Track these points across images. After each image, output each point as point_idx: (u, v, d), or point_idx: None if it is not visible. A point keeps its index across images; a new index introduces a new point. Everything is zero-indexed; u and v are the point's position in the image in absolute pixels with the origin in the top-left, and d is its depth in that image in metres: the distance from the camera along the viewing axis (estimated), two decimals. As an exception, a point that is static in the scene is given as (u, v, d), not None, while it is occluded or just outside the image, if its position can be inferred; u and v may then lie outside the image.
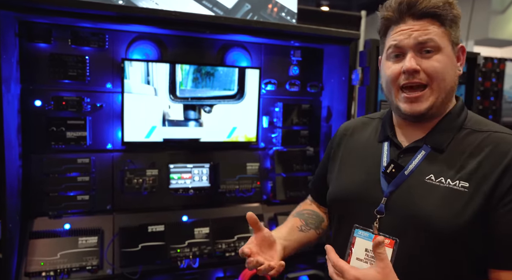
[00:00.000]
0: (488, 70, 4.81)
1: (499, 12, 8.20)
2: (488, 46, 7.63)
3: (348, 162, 1.15)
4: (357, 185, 1.07)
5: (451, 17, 0.94)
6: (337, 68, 2.28)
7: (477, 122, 1.00)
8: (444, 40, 0.94)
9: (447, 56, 0.94)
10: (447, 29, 0.94)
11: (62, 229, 1.88)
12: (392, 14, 0.97)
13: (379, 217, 0.98)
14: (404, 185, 0.97)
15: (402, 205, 0.96)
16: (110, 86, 2.01)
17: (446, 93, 0.96)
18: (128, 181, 2.02)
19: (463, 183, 0.90)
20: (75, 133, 1.93)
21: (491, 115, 4.82)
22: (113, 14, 1.70)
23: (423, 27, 0.93)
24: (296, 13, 2.34)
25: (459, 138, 0.97)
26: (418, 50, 0.94)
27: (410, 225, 0.93)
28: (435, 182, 0.93)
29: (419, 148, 1.00)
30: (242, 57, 2.24)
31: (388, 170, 0.99)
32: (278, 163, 2.32)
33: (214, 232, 2.10)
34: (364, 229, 1.00)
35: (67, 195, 1.92)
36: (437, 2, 0.92)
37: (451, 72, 0.95)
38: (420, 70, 0.93)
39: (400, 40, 0.95)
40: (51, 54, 1.87)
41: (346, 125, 1.26)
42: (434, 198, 0.92)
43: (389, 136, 1.07)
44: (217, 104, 2.14)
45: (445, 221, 0.89)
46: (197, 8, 2.10)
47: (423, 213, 0.92)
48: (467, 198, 0.89)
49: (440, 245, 0.90)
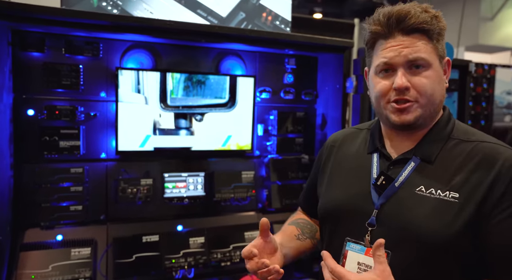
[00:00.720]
0: (479, 76, 4.87)
1: (488, 19, 8.34)
2: (478, 52, 7.74)
3: (337, 174, 1.14)
4: (347, 197, 1.06)
5: (438, 30, 0.95)
6: (331, 76, 2.29)
7: (465, 132, 1.00)
8: (432, 56, 0.94)
9: (435, 72, 0.95)
10: (435, 43, 0.95)
11: (54, 241, 1.84)
12: (380, 28, 0.96)
13: (370, 229, 0.98)
14: (395, 197, 0.97)
15: (393, 217, 0.95)
16: (104, 95, 2.00)
17: (435, 107, 0.97)
18: (122, 191, 2.00)
19: (453, 194, 0.90)
20: (68, 143, 1.91)
21: (483, 120, 4.87)
22: (107, 23, 1.70)
23: (412, 43, 0.93)
24: (290, 21, 2.35)
25: (447, 149, 0.98)
26: (408, 66, 0.94)
27: (401, 237, 0.93)
28: (426, 194, 0.93)
29: (409, 159, 1.00)
30: (237, 65, 2.24)
31: (378, 182, 0.99)
32: (273, 171, 2.32)
33: (210, 242, 2.08)
34: (356, 242, 0.99)
35: (60, 205, 1.89)
36: (425, 17, 0.92)
37: (438, 87, 0.96)
38: (410, 87, 0.93)
39: (390, 58, 0.94)
40: (45, 63, 1.85)
41: (334, 136, 1.26)
42: (425, 209, 0.92)
43: (378, 147, 1.07)
44: (208, 112, 2.13)
45: (436, 232, 0.89)
46: (191, 17, 2.10)
47: (414, 225, 0.92)
48: (458, 208, 0.89)
49: (432, 256, 0.90)
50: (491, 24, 8.36)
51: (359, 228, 0.99)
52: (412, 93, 0.94)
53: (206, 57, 2.18)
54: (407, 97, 0.94)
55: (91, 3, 1.89)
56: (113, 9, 1.95)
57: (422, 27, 0.92)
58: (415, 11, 0.93)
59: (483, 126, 4.82)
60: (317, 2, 10.25)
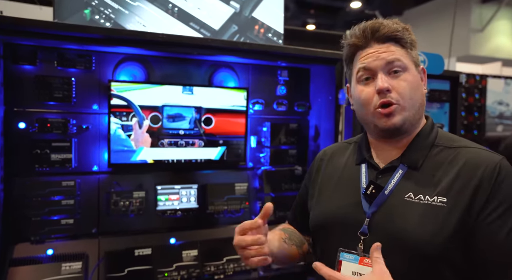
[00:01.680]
0: (471, 86, 4.94)
1: (479, 30, 8.48)
2: (469, 63, 7.85)
3: (327, 187, 1.16)
4: (338, 208, 1.08)
5: (410, 40, 1.02)
6: (323, 87, 2.31)
7: (449, 139, 1.04)
8: (408, 61, 1.01)
9: (413, 76, 1.01)
10: (408, 51, 1.02)
11: (44, 255, 1.82)
12: (357, 40, 1.03)
13: (363, 238, 0.99)
14: (385, 205, 0.99)
15: (384, 224, 0.97)
16: (97, 107, 1.99)
17: (416, 110, 1.01)
18: (114, 204, 1.98)
19: (441, 198, 0.93)
20: (60, 156, 1.89)
21: (476, 130, 4.92)
22: (100, 36, 1.70)
23: (389, 49, 1.00)
24: (283, 33, 2.38)
25: (432, 155, 1.01)
26: (387, 70, 0.99)
27: (393, 244, 0.94)
28: (415, 200, 0.96)
29: (396, 167, 1.02)
30: (230, 77, 2.25)
31: (368, 191, 1.01)
32: (266, 183, 2.31)
33: (203, 255, 2.06)
34: (349, 251, 1.00)
35: (51, 219, 1.87)
36: (397, 27, 1.01)
37: (417, 92, 1.01)
38: (391, 89, 0.98)
39: (369, 62, 1.00)
40: (37, 76, 1.85)
41: (324, 150, 1.29)
42: (414, 215, 0.94)
43: (365, 158, 1.09)
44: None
45: (426, 237, 0.91)
46: (184, 30, 2.12)
47: (405, 231, 0.93)
48: (446, 212, 0.91)
49: (425, 262, 0.91)
50: (481, 35, 8.51)
51: (351, 237, 1.01)
52: (394, 94, 0.98)
53: (198, 69, 2.19)
54: (389, 99, 0.97)
55: (84, 16, 1.91)
56: (106, 22, 1.96)
57: (395, 35, 1.00)
58: (387, 22, 1.01)
59: (476, 136, 4.86)
60: (310, 14, 10.39)
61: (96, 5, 1.93)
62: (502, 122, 5.21)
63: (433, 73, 2.27)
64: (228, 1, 2.22)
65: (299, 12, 9.82)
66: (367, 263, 0.95)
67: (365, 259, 0.96)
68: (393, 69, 0.99)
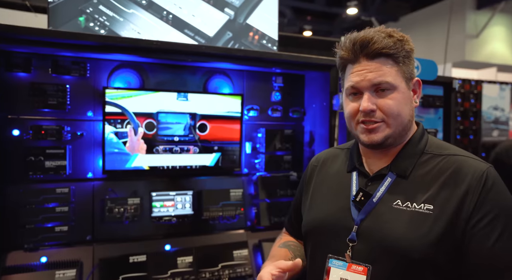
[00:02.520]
0: (466, 92, 4.97)
1: (474, 36, 8.55)
2: (465, 68, 7.89)
3: (319, 193, 1.17)
4: (328, 215, 1.09)
5: (404, 53, 0.98)
6: (318, 93, 2.32)
7: (438, 147, 1.04)
8: (398, 78, 0.98)
9: (402, 93, 0.99)
10: (401, 66, 0.99)
11: (38, 263, 1.80)
12: (347, 54, 1.01)
13: (351, 245, 1.00)
14: (374, 212, 1.00)
15: (372, 232, 0.98)
16: (91, 114, 2.00)
17: (403, 126, 1.01)
18: (109, 210, 1.98)
19: (428, 206, 0.94)
20: (54, 162, 1.89)
21: (472, 135, 4.94)
22: (94, 44, 1.71)
23: (377, 68, 0.97)
24: (277, 40, 2.39)
25: (421, 163, 1.01)
26: (374, 89, 0.98)
27: (381, 252, 0.95)
28: (402, 207, 0.97)
29: (385, 175, 1.03)
30: (224, 84, 2.26)
31: (357, 198, 1.02)
32: (261, 189, 2.31)
33: (198, 261, 2.05)
34: (338, 258, 1.01)
35: (45, 226, 1.86)
36: (388, 43, 0.96)
37: (406, 108, 1.00)
38: (376, 109, 0.98)
39: (356, 82, 0.99)
40: (31, 83, 1.85)
41: (316, 157, 1.30)
42: (401, 222, 0.95)
43: (356, 165, 1.10)
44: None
45: (412, 244, 0.91)
46: (179, 37, 2.13)
47: (391, 239, 0.94)
48: (432, 220, 0.92)
49: (411, 270, 0.92)
50: (476, 41, 8.58)
51: (340, 244, 1.01)
52: (379, 114, 0.98)
53: (193, 76, 2.20)
54: (373, 119, 0.98)
55: (79, 23, 1.92)
56: (101, 29, 1.97)
57: (385, 52, 0.96)
58: (378, 36, 0.97)
59: (472, 141, 4.88)
60: (307, 20, 10.46)
61: (90, 13, 1.94)
62: (497, 127, 5.23)
63: (427, 79, 2.28)
64: (222, 8, 2.23)
65: (296, 19, 9.89)
66: (355, 270, 0.97)
67: (353, 266, 0.97)
68: (380, 88, 0.98)
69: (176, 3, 2.12)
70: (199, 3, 2.18)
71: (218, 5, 2.22)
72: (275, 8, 2.38)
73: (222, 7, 2.23)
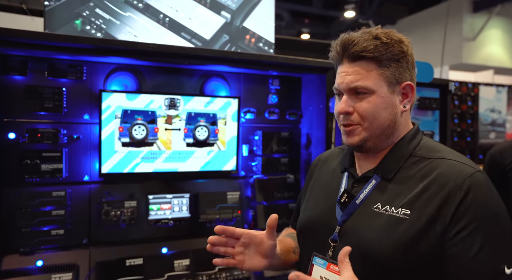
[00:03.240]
0: (463, 94, 4.99)
1: (471, 39, 8.59)
2: (462, 71, 7.94)
3: (314, 192, 1.19)
4: (317, 214, 1.11)
5: (388, 56, 0.96)
6: (315, 96, 2.32)
7: (429, 149, 1.01)
8: (378, 82, 0.96)
9: (381, 98, 0.97)
10: (383, 69, 0.96)
11: (34, 267, 1.80)
12: (334, 54, 1.03)
13: (333, 245, 1.00)
14: (355, 214, 1.00)
15: (351, 233, 0.98)
16: (88, 117, 1.99)
17: (381, 130, 0.99)
18: (105, 214, 1.97)
19: (405, 211, 0.92)
20: (51, 166, 1.89)
21: (469, 137, 4.95)
22: (91, 47, 1.71)
23: (356, 71, 0.97)
24: (274, 43, 2.40)
25: (406, 166, 0.99)
26: (352, 92, 0.99)
27: (355, 254, 0.92)
28: (381, 210, 0.96)
29: (370, 178, 1.03)
30: (221, 86, 2.26)
31: (342, 200, 1.03)
32: (259, 192, 2.31)
33: (195, 264, 2.05)
34: (320, 256, 1.02)
35: (41, 230, 1.85)
36: (368, 46, 0.94)
37: (383, 112, 0.97)
38: (353, 112, 0.98)
39: (338, 83, 1.01)
40: (27, 86, 1.85)
41: (319, 156, 1.32)
42: (377, 226, 0.94)
43: (347, 167, 1.11)
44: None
45: (382, 249, 0.91)
46: (176, 40, 2.13)
47: (365, 242, 0.94)
48: (407, 225, 0.90)
49: (384, 274, 0.91)
50: (473, 44, 8.62)
51: (324, 243, 1.02)
52: (355, 117, 0.98)
53: (190, 78, 2.20)
54: (349, 122, 0.99)
55: (75, 27, 1.92)
56: (97, 32, 1.97)
57: (364, 55, 0.95)
58: (360, 39, 0.96)
59: (469, 143, 4.90)
60: (305, 23, 10.50)
61: (87, 16, 1.95)
62: (494, 129, 5.25)
63: (423, 81, 2.29)
64: (219, 11, 2.24)
65: (294, 22, 9.93)
66: (333, 270, 0.97)
67: (332, 265, 0.98)
68: (356, 91, 0.98)
69: (173, 6, 2.13)
70: (195, 6, 2.18)
71: (215, 8, 2.23)
72: (271, 11, 2.39)
73: (218, 10, 2.24)
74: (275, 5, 2.42)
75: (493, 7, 8.41)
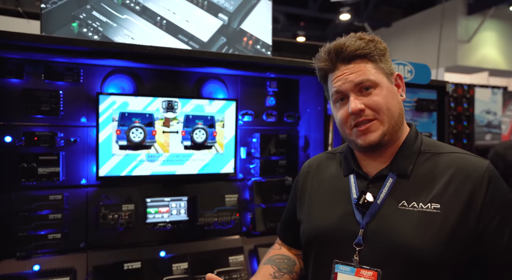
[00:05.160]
0: (459, 96, 5.01)
1: (465, 41, 8.65)
2: (457, 73, 7.98)
3: (317, 199, 1.15)
4: (330, 221, 1.07)
5: (377, 52, 1.02)
6: (312, 98, 2.32)
7: (434, 146, 1.05)
8: (378, 75, 1.01)
9: (385, 88, 1.01)
10: (378, 63, 1.02)
11: (30, 271, 1.78)
12: (325, 63, 1.04)
13: (358, 249, 0.98)
14: (379, 215, 0.98)
15: (380, 234, 0.96)
16: (85, 120, 1.98)
17: (395, 120, 1.01)
18: (103, 217, 1.95)
19: (435, 205, 0.93)
20: (47, 169, 1.87)
21: (465, 139, 4.98)
22: (88, 49, 1.70)
23: (356, 68, 1.00)
24: (271, 45, 2.40)
25: (421, 162, 1.02)
26: (358, 90, 1.00)
27: (390, 255, 0.93)
28: (409, 208, 0.95)
29: (386, 176, 1.02)
30: (219, 89, 2.26)
31: (360, 201, 1.01)
32: (257, 194, 2.30)
33: (193, 267, 2.04)
34: (345, 263, 0.99)
35: (38, 234, 1.84)
36: (360, 44, 1.00)
37: (393, 101, 1.01)
38: (365, 108, 0.99)
39: (339, 86, 1.01)
40: (24, 89, 1.84)
41: (308, 162, 1.28)
42: (409, 223, 0.93)
43: (354, 168, 1.09)
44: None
45: (423, 245, 0.90)
46: (173, 42, 2.13)
47: (400, 241, 0.93)
48: (441, 219, 0.91)
49: (423, 270, 0.90)
50: (468, 46, 8.68)
51: (346, 249, 1.00)
52: (368, 112, 0.99)
53: (187, 81, 2.20)
54: (364, 118, 0.99)
55: (72, 29, 1.91)
56: (94, 35, 1.96)
57: (359, 53, 1.00)
58: (349, 41, 1.01)
59: (465, 145, 4.92)
60: (300, 26, 10.53)
61: (84, 18, 1.94)
62: (490, 130, 5.28)
63: (420, 82, 2.30)
64: (216, 13, 2.24)
65: (290, 25, 9.95)
66: (363, 275, 0.95)
67: (361, 270, 0.95)
68: (363, 87, 0.99)
69: (170, 9, 2.13)
70: (193, 9, 2.18)
71: (212, 10, 2.23)
72: (268, 14, 2.39)
73: (215, 12, 2.24)
74: (272, 8, 2.42)
75: (487, 9, 8.48)
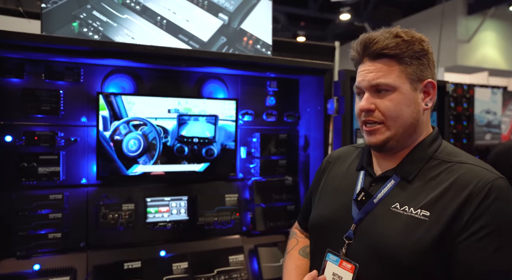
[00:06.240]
0: (459, 96, 5.01)
1: (465, 41, 8.66)
2: (457, 73, 7.98)
3: (327, 189, 1.19)
4: (332, 211, 1.10)
5: (409, 54, 0.96)
6: (312, 97, 2.32)
7: (449, 153, 1.02)
8: (400, 79, 0.97)
9: (403, 95, 0.97)
10: (405, 66, 0.97)
11: (30, 271, 1.78)
12: (354, 54, 1.04)
13: (347, 242, 1.01)
14: (372, 213, 1.00)
15: (368, 232, 0.99)
16: (85, 120, 1.98)
17: (404, 128, 0.99)
18: (103, 217, 1.96)
19: (424, 212, 0.92)
20: (48, 169, 1.87)
21: (465, 139, 4.98)
22: (88, 49, 1.70)
23: (378, 69, 0.98)
24: (271, 45, 2.40)
25: (427, 169, 1.00)
26: (374, 90, 0.99)
27: (372, 253, 0.95)
28: (399, 211, 0.96)
29: (389, 177, 1.03)
30: (219, 89, 2.26)
31: (358, 198, 1.03)
32: (257, 194, 2.30)
33: (193, 267, 2.04)
34: (334, 253, 1.03)
35: (38, 233, 1.84)
36: (389, 43, 0.95)
37: (407, 109, 0.98)
38: (374, 109, 0.98)
39: (359, 82, 1.02)
40: (24, 88, 1.84)
41: (332, 153, 1.32)
42: (395, 226, 0.94)
43: (364, 165, 1.11)
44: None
45: (403, 249, 0.91)
46: (173, 42, 2.13)
47: (383, 242, 0.94)
48: (427, 226, 0.90)
49: (400, 272, 0.91)
50: (468, 46, 8.69)
51: (338, 240, 1.03)
52: (377, 114, 0.99)
53: (188, 81, 2.20)
54: (371, 118, 0.99)
55: (72, 29, 1.91)
56: (94, 35, 1.96)
57: (386, 52, 0.96)
58: (380, 37, 0.97)
59: (465, 145, 4.92)
60: (301, 26, 10.53)
61: (84, 18, 1.94)
62: (490, 130, 5.28)
63: (420, 82, 2.30)
64: (216, 13, 2.24)
65: (290, 25, 9.96)
66: (344, 267, 0.99)
67: (344, 262, 1.00)
68: (378, 89, 0.98)
69: (170, 9, 2.13)
70: (193, 8, 2.18)
71: (212, 10, 2.23)
72: (269, 13, 2.39)
73: (216, 12, 2.24)
74: (272, 8, 2.42)
75: (487, 9, 8.48)
